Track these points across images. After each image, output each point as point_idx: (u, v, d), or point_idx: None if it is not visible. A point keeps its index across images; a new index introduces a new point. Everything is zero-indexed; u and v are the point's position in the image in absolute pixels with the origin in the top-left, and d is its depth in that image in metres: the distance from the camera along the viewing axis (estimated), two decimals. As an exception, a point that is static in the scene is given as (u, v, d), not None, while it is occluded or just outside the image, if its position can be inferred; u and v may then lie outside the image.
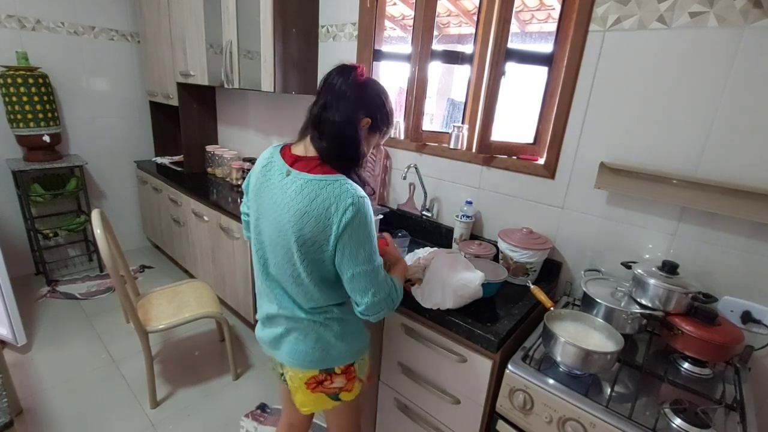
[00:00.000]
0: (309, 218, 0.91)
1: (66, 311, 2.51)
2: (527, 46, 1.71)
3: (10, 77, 2.39)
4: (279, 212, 0.95)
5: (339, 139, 0.95)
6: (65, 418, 1.76)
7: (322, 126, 0.96)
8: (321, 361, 1.06)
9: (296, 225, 0.92)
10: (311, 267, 0.96)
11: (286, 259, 0.97)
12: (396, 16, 2.13)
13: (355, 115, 0.96)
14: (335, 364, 1.08)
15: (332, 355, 1.06)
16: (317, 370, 1.07)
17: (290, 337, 1.06)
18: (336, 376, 1.08)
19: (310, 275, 0.97)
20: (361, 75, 0.96)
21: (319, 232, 0.91)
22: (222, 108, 3.03)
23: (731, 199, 1.06)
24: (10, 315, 1.92)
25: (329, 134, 0.95)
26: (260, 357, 2.21)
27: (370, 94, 0.99)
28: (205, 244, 2.46)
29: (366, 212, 0.92)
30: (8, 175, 2.65)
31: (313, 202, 0.90)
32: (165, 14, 2.60)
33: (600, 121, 1.30)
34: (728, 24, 1.04)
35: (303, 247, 0.93)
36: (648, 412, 0.93)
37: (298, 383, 1.09)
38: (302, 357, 1.05)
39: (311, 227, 0.91)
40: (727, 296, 1.14)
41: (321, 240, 0.92)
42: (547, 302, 1.24)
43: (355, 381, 1.13)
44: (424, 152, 1.79)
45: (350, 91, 0.94)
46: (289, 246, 0.95)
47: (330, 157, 0.95)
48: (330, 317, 1.05)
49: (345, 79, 0.94)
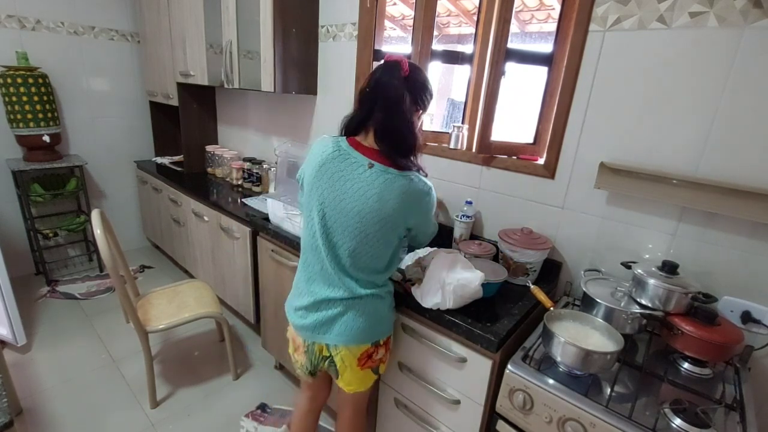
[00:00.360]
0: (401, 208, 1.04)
1: (66, 311, 2.51)
2: (527, 46, 1.71)
3: (10, 77, 2.39)
4: (366, 201, 1.04)
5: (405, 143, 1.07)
6: (65, 418, 1.76)
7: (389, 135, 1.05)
8: (375, 333, 1.16)
9: (388, 213, 1.04)
10: (380, 246, 1.08)
11: (361, 240, 1.06)
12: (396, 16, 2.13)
13: (412, 113, 1.06)
14: (383, 336, 1.19)
15: (383, 327, 1.18)
16: (369, 343, 1.16)
17: (346, 316, 1.12)
18: (380, 348, 1.19)
19: (377, 254, 1.09)
20: (407, 70, 1.03)
21: (405, 217, 1.07)
22: (222, 108, 3.03)
23: (731, 199, 1.06)
24: (10, 315, 1.92)
25: (396, 140, 1.06)
26: (260, 357, 2.21)
27: (419, 84, 1.07)
28: (205, 244, 2.46)
29: (434, 198, 1.14)
30: (8, 175, 2.65)
31: (404, 195, 1.04)
32: (165, 14, 2.60)
33: (600, 121, 1.30)
34: (728, 24, 1.04)
35: (384, 228, 1.06)
36: (648, 412, 0.93)
37: (350, 360, 1.16)
38: (358, 332, 1.13)
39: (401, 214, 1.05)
40: (727, 296, 1.14)
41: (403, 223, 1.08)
42: (547, 302, 1.24)
43: (389, 352, 1.25)
44: (424, 152, 1.78)
45: (404, 93, 1.03)
46: (369, 230, 1.05)
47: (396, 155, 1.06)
48: (388, 290, 1.18)
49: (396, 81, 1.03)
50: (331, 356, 1.17)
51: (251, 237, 2.00)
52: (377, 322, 1.15)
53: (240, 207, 2.19)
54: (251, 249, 2.03)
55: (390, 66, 1.03)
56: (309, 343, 1.19)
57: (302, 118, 2.38)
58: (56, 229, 2.79)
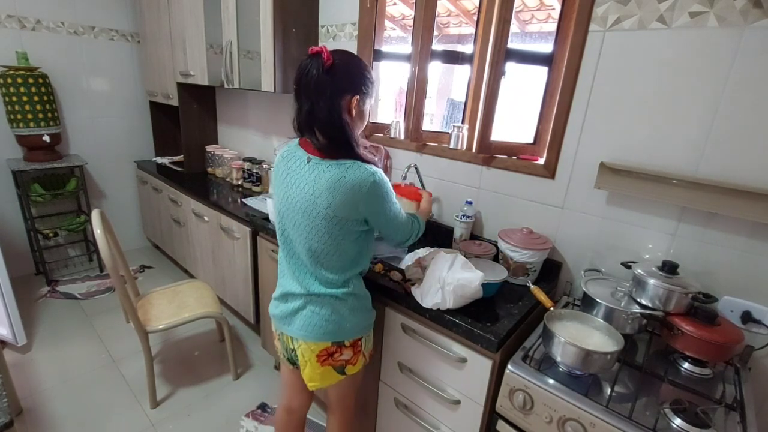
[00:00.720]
0: (337, 199, 1.00)
1: (66, 311, 2.51)
2: (527, 46, 1.71)
3: (10, 77, 2.39)
4: (304, 196, 1.04)
5: (332, 133, 1.02)
6: (65, 418, 1.76)
7: (312, 127, 1.03)
8: (334, 334, 1.13)
9: (324, 205, 1.01)
10: (335, 243, 1.06)
11: (312, 237, 1.06)
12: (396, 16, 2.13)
13: (340, 103, 1.00)
14: (346, 337, 1.15)
15: (345, 329, 1.14)
16: (329, 342, 1.14)
17: (306, 310, 1.13)
18: (345, 349, 1.16)
19: (333, 251, 1.07)
20: (328, 58, 0.97)
21: (349, 210, 1.02)
22: (222, 108, 3.03)
23: (731, 199, 1.06)
24: (10, 315, 1.92)
25: (321, 131, 1.02)
26: (260, 357, 2.21)
27: (344, 72, 1.00)
28: (206, 244, 2.46)
29: (384, 184, 1.04)
30: (8, 175, 2.65)
31: (336, 186, 0.99)
32: (165, 14, 2.60)
33: (600, 121, 1.30)
34: (728, 24, 1.04)
35: (330, 224, 1.03)
36: (648, 412, 0.93)
37: (309, 356, 1.15)
38: (316, 329, 1.12)
39: (340, 206, 1.01)
40: (727, 296, 1.14)
41: (351, 216, 1.03)
42: (547, 302, 1.24)
43: (360, 355, 1.20)
44: (424, 152, 1.79)
45: (325, 81, 0.98)
46: (315, 224, 1.04)
47: (331, 150, 1.02)
48: (347, 292, 1.13)
49: (315, 71, 0.97)
50: (295, 348, 1.19)
51: (251, 237, 2.00)
52: (336, 323, 1.12)
53: (240, 207, 2.19)
54: (251, 249, 2.03)
55: (310, 56, 0.99)
56: (279, 332, 1.25)
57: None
58: (56, 229, 2.79)
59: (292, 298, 1.16)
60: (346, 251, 1.09)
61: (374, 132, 2.00)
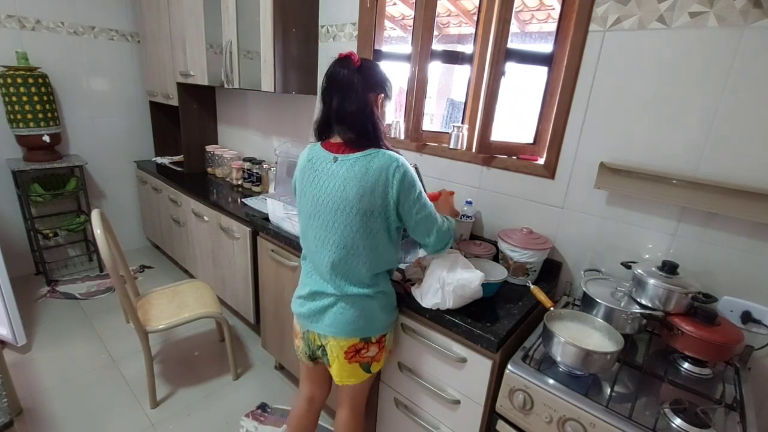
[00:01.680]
0: (366, 190, 1.04)
1: (66, 311, 2.51)
2: (527, 46, 1.71)
3: (10, 77, 2.39)
4: (336, 193, 1.07)
5: (361, 124, 1.07)
6: (65, 418, 1.76)
7: (343, 119, 1.07)
8: (363, 330, 1.17)
9: (356, 198, 1.04)
10: (369, 238, 1.08)
11: (346, 234, 1.09)
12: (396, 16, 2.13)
13: (369, 98, 1.07)
14: (374, 333, 1.19)
15: (374, 325, 1.18)
16: (358, 338, 1.17)
17: (336, 307, 1.16)
18: (371, 345, 1.19)
19: (367, 249, 1.10)
20: (357, 61, 1.06)
21: (378, 198, 1.04)
22: (222, 108, 3.03)
23: (731, 199, 1.06)
24: (10, 315, 1.92)
25: (351, 124, 1.07)
26: (260, 357, 2.21)
27: (372, 72, 1.09)
28: (205, 244, 2.46)
29: (409, 169, 1.07)
30: (8, 175, 2.65)
31: (365, 175, 1.04)
32: (165, 14, 2.60)
33: (600, 121, 1.30)
34: (728, 24, 1.04)
35: (364, 218, 1.06)
36: (648, 412, 0.93)
37: (338, 352, 1.19)
38: (347, 325, 1.15)
39: (369, 197, 1.04)
40: (727, 296, 1.14)
41: (382, 205, 1.05)
42: (547, 302, 1.24)
43: (384, 351, 1.24)
44: (424, 152, 1.79)
45: (355, 79, 1.05)
46: (348, 221, 1.07)
47: (360, 142, 1.07)
48: (378, 290, 1.16)
49: (346, 70, 1.05)
50: (323, 345, 1.22)
51: (251, 237, 2.00)
52: (366, 319, 1.16)
53: (240, 207, 2.19)
54: (251, 249, 2.03)
55: (340, 59, 1.07)
56: (304, 330, 1.26)
57: (302, 118, 2.38)
58: (56, 229, 2.79)
59: (321, 297, 1.18)
60: (379, 249, 1.11)
61: (374, 132, 2.00)
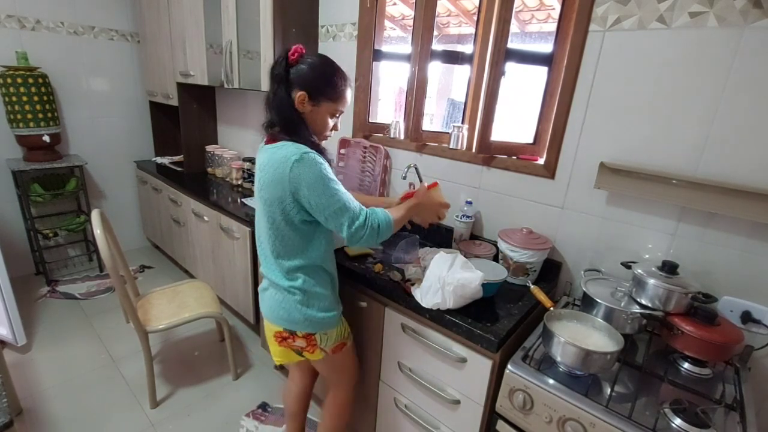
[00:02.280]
0: (267, 176, 1.08)
1: (66, 311, 2.51)
2: (527, 46, 1.71)
3: (10, 77, 2.38)
4: (257, 184, 1.16)
5: (279, 116, 1.11)
6: (65, 418, 1.76)
7: (270, 112, 1.14)
8: (284, 321, 1.20)
9: (265, 189, 1.10)
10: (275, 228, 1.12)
11: (262, 225, 1.16)
12: (396, 16, 2.13)
13: (288, 94, 1.10)
14: (297, 328, 1.20)
15: (294, 319, 1.18)
16: (282, 327, 1.21)
17: (268, 291, 1.23)
18: (297, 338, 1.21)
19: (275, 237, 1.13)
20: (293, 56, 1.09)
21: (276, 189, 1.06)
22: (222, 108, 3.03)
23: (731, 199, 1.06)
24: (10, 315, 1.92)
25: (275, 117, 1.13)
26: (260, 357, 2.21)
27: (304, 72, 1.09)
28: (205, 244, 2.46)
29: (312, 163, 1.03)
30: (8, 175, 2.65)
31: (268, 165, 1.08)
32: (165, 14, 2.60)
33: (600, 121, 1.30)
34: (728, 24, 1.04)
35: (269, 207, 1.11)
36: (648, 412, 0.93)
37: (269, 334, 1.27)
38: (272, 311, 1.21)
39: (269, 185, 1.08)
40: (727, 296, 1.14)
41: (281, 196, 1.07)
42: (547, 302, 1.24)
43: (317, 349, 1.23)
44: (424, 152, 1.79)
45: (282, 74, 1.09)
46: (263, 211, 1.14)
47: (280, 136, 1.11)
48: (294, 286, 1.16)
49: (279, 65, 1.10)
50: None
51: (251, 237, 2.00)
52: (286, 311, 1.18)
53: (240, 207, 2.19)
54: (251, 249, 2.03)
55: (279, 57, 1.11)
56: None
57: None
58: (56, 229, 2.79)
59: (264, 280, 1.25)
60: (285, 240, 1.13)
61: (374, 132, 2.00)
